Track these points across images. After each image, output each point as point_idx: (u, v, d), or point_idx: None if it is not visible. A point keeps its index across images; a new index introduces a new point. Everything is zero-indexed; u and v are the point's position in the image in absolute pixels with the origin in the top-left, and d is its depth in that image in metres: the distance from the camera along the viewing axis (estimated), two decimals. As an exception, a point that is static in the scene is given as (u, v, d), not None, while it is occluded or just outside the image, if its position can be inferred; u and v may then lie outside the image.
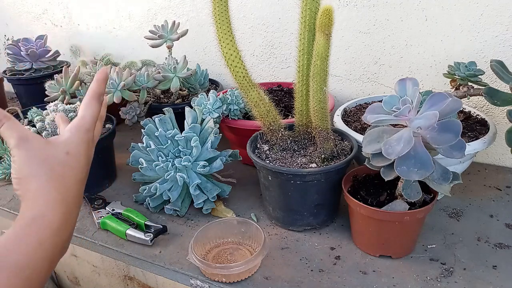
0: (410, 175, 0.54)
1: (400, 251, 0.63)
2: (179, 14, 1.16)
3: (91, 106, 0.54)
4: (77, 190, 0.49)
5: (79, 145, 0.51)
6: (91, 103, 0.55)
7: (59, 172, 0.47)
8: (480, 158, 0.89)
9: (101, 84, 0.56)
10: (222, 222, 0.68)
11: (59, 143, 0.49)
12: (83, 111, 0.54)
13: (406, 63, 0.91)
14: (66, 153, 0.49)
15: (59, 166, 0.47)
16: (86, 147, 0.52)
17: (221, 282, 0.60)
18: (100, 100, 0.56)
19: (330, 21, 0.57)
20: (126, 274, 0.81)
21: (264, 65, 1.10)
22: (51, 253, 0.44)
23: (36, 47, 1.20)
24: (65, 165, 0.48)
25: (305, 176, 0.64)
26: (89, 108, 0.54)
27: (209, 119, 0.78)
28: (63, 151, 0.49)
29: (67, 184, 0.48)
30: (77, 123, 0.52)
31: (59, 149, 0.49)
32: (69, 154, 0.49)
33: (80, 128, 0.52)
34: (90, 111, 0.54)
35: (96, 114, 0.55)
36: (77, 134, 0.51)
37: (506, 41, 0.79)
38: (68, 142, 0.50)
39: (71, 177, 0.48)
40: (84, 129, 0.52)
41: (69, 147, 0.50)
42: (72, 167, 0.49)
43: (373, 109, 0.59)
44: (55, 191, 0.46)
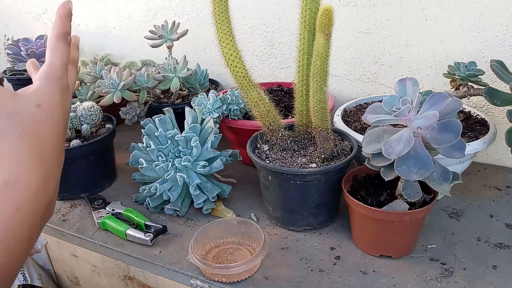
0: (410, 175, 0.54)
1: (400, 251, 0.63)
2: (179, 14, 1.16)
3: (58, 48, 0.47)
4: (54, 147, 0.43)
5: (51, 96, 0.44)
6: (57, 45, 0.47)
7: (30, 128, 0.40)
8: (480, 158, 0.89)
9: (64, 21, 0.49)
10: (222, 222, 0.68)
11: (28, 94, 0.43)
12: (50, 57, 0.47)
13: (406, 63, 0.91)
14: (36, 106, 0.42)
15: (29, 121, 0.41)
16: (60, 97, 0.45)
17: (221, 282, 0.60)
18: (67, 40, 0.48)
19: (330, 21, 0.57)
20: (126, 274, 0.81)
21: (264, 65, 1.10)
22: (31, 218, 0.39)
23: (36, 47, 1.20)
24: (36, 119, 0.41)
25: (305, 176, 0.64)
26: (56, 52, 0.47)
27: (209, 119, 0.78)
28: (33, 103, 0.42)
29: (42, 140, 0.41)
30: (46, 70, 0.45)
31: (28, 102, 0.42)
32: (40, 106, 0.42)
33: (50, 75, 0.45)
34: (58, 54, 0.47)
35: (65, 57, 0.47)
36: (47, 82, 0.44)
37: (506, 41, 0.80)
38: (38, 93, 0.43)
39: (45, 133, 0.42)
40: (55, 77, 0.45)
41: (40, 99, 0.43)
42: (45, 121, 0.42)
43: (373, 109, 0.59)
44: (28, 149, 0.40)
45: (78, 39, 0.52)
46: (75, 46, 0.54)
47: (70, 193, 0.82)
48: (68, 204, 0.81)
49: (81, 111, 0.82)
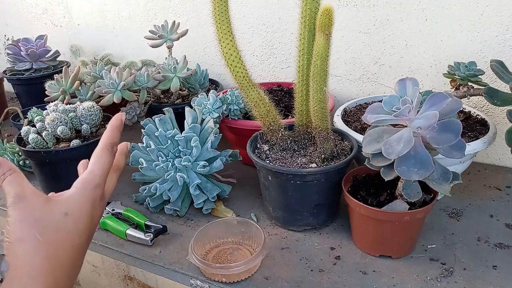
0: (410, 175, 0.54)
1: (400, 251, 0.63)
2: (179, 14, 1.16)
3: (102, 158, 0.49)
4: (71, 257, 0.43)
5: (81, 204, 0.45)
6: (101, 154, 0.49)
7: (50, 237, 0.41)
8: (480, 158, 0.89)
9: (115, 133, 0.51)
10: (222, 222, 0.68)
11: (59, 201, 0.44)
12: (92, 165, 0.48)
13: (406, 63, 0.91)
14: (64, 214, 0.43)
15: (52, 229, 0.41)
16: (91, 206, 0.46)
17: (221, 282, 0.60)
18: (113, 150, 0.50)
19: (330, 21, 0.57)
20: (126, 274, 0.81)
21: (264, 65, 1.10)
22: None
23: (36, 47, 1.20)
24: (60, 228, 0.42)
25: (305, 176, 0.64)
26: (98, 161, 0.48)
27: (209, 119, 0.78)
28: (62, 211, 0.43)
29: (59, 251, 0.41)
30: (84, 178, 0.47)
31: (57, 209, 0.43)
32: (67, 215, 0.43)
33: (87, 184, 0.46)
34: (100, 164, 0.48)
35: (107, 167, 0.49)
36: (82, 191, 0.46)
37: (506, 41, 0.79)
38: (70, 201, 0.44)
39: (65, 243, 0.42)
40: (92, 186, 0.46)
41: (69, 206, 0.44)
42: (68, 231, 0.43)
43: (373, 109, 0.59)
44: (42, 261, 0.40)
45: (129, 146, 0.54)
46: (122, 154, 0.56)
47: (70, 193, 0.82)
48: (68, 204, 0.81)
49: (81, 111, 0.82)
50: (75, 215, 0.44)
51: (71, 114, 0.82)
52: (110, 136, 0.51)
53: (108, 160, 0.49)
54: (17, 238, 0.40)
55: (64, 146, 0.79)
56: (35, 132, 0.79)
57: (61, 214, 0.43)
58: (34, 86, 1.15)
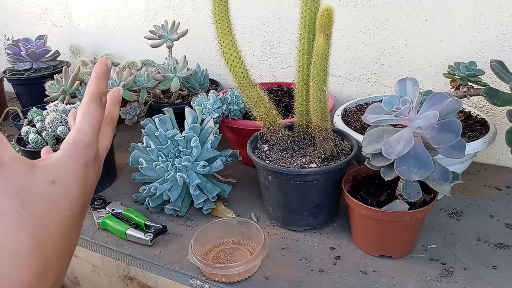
0: (410, 175, 0.54)
1: (400, 251, 0.63)
2: (179, 14, 1.16)
3: (90, 112, 0.41)
4: (62, 232, 0.36)
5: (71, 168, 0.37)
6: (89, 108, 0.41)
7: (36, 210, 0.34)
8: (480, 158, 0.89)
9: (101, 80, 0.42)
10: (222, 222, 0.68)
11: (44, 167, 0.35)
12: (80, 121, 0.40)
13: (406, 63, 0.91)
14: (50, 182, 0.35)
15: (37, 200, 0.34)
16: (83, 170, 0.38)
17: (221, 282, 0.60)
18: (101, 102, 0.42)
19: (330, 21, 0.57)
20: (126, 274, 0.81)
21: (264, 65, 1.10)
22: None
23: (36, 47, 1.20)
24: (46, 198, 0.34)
25: (305, 176, 0.64)
26: (87, 116, 0.40)
27: (209, 119, 0.78)
28: (47, 178, 0.35)
29: (46, 226, 0.34)
30: (73, 138, 0.39)
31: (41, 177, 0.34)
32: (54, 183, 0.35)
33: (77, 144, 0.38)
34: (89, 119, 0.40)
35: (98, 122, 0.41)
36: (71, 153, 0.38)
37: (506, 41, 0.79)
38: (57, 166, 0.36)
39: (53, 217, 0.35)
40: (82, 145, 0.39)
41: (57, 172, 0.36)
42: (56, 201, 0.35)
43: (373, 109, 0.59)
44: (25, 237, 0.33)
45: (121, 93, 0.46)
46: (115, 102, 0.47)
47: (70, 193, 0.82)
48: (68, 204, 0.81)
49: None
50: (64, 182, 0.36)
51: (71, 114, 0.82)
52: (96, 84, 0.42)
53: (98, 114, 0.41)
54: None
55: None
56: (35, 132, 0.79)
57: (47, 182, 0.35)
58: (34, 86, 1.15)
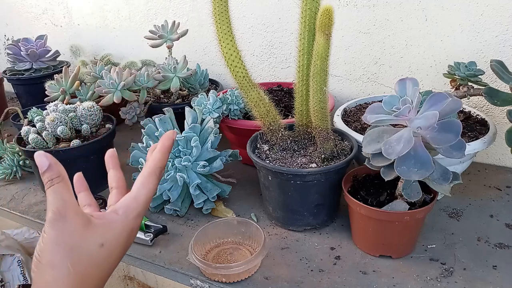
0: (410, 175, 0.54)
1: (400, 251, 0.63)
2: (179, 14, 1.16)
3: (149, 184, 0.45)
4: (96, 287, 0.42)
5: (119, 235, 0.42)
6: (149, 179, 0.45)
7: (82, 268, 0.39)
8: (480, 158, 0.89)
9: (165, 155, 0.46)
10: (222, 222, 0.68)
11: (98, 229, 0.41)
12: (138, 190, 0.44)
13: (406, 63, 0.91)
14: (100, 245, 0.41)
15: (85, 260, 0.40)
16: (127, 237, 0.43)
17: (221, 282, 0.60)
18: (160, 175, 0.46)
19: (330, 21, 0.57)
20: (126, 274, 0.81)
21: (264, 65, 1.10)
22: None
23: (36, 47, 1.20)
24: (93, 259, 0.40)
25: (305, 176, 0.64)
26: (145, 187, 0.44)
27: (209, 119, 0.78)
28: (98, 241, 0.40)
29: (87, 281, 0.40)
30: (128, 205, 0.43)
31: (94, 238, 0.40)
32: (103, 246, 0.41)
33: (129, 213, 0.43)
34: (146, 190, 0.44)
35: (152, 195, 0.45)
36: (123, 219, 0.42)
37: (506, 41, 0.79)
38: (108, 230, 0.41)
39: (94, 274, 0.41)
40: (134, 215, 0.43)
41: (107, 236, 0.41)
42: (100, 263, 0.41)
43: (373, 109, 0.59)
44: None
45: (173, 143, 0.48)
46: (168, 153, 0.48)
47: (70, 193, 0.82)
48: (68, 204, 0.81)
49: (81, 111, 0.82)
50: (111, 246, 0.41)
51: (71, 114, 0.82)
52: (161, 159, 0.46)
53: (154, 187, 0.45)
54: (48, 263, 0.39)
55: (64, 146, 0.79)
56: (35, 132, 0.79)
57: (97, 245, 0.40)
58: (34, 86, 1.15)
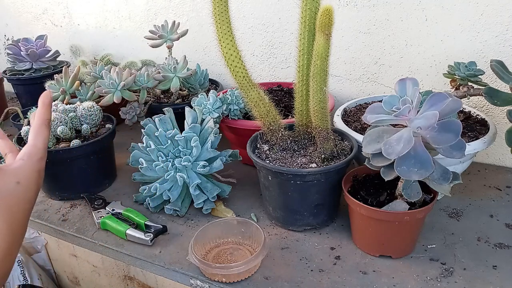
0: (410, 175, 0.54)
1: (400, 251, 0.63)
2: (179, 14, 1.16)
3: (42, 133, 0.55)
4: (23, 220, 0.49)
5: (30, 174, 0.51)
6: (41, 129, 0.55)
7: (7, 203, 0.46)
8: (480, 158, 0.89)
9: (48, 109, 0.57)
10: (222, 222, 0.68)
11: (11, 171, 0.49)
12: (34, 139, 0.54)
13: (406, 63, 0.91)
14: (16, 183, 0.48)
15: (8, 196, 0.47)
16: (37, 176, 0.52)
17: (221, 282, 0.60)
18: (49, 125, 0.57)
19: (330, 21, 0.57)
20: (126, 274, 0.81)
21: (264, 65, 1.10)
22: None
23: (36, 47, 1.20)
24: (14, 195, 0.48)
25: (305, 176, 0.64)
26: (40, 135, 0.55)
27: (209, 119, 0.78)
28: (14, 180, 0.48)
29: (15, 214, 0.47)
30: (29, 151, 0.52)
31: (9, 178, 0.48)
32: (19, 184, 0.48)
33: (32, 156, 0.52)
34: (42, 138, 0.55)
35: (47, 141, 0.55)
36: (29, 163, 0.51)
37: (506, 41, 0.80)
38: (20, 171, 0.50)
39: (19, 208, 0.48)
40: (37, 158, 0.52)
41: (20, 176, 0.49)
42: (20, 198, 0.48)
43: (373, 109, 0.59)
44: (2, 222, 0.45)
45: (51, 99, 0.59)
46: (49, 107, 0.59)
47: (70, 193, 0.82)
48: (68, 204, 0.81)
49: (81, 111, 0.82)
50: (25, 183, 0.49)
51: (71, 114, 0.82)
52: (44, 112, 0.57)
53: (48, 135, 0.56)
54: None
55: (64, 146, 0.79)
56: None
57: (14, 183, 0.48)
58: (34, 86, 1.15)
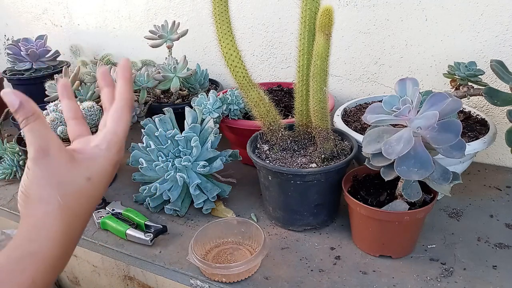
0: (410, 175, 0.54)
1: (400, 251, 0.63)
2: (179, 14, 1.16)
3: (124, 117, 0.44)
4: (84, 221, 0.43)
5: (104, 168, 0.42)
6: (123, 112, 0.44)
7: (72, 202, 0.40)
8: (480, 158, 0.89)
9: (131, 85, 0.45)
10: (222, 222, 0.68)
11: (83, 163, 0.41)
12: (116, 125, 0.43)
13: (406, 63, 0.91)
14: (87, 179, 0.41)
15: (74, 194, 0.40)
16: (112, 171, 0.43)
17: (221, 282, 0.60)
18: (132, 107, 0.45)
19: (330, 21, 0.57)
20: (126, 274, 0.81)
21: (264, 65, 1.10)
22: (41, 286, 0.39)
23: (36, 47, 1.20)
24: (81, 193, 0.41)
25: (305, 176, 0.64)
26: (122, 120, 0.44)
27: (209, 119, 0.78)
28: (85, 175, 0.41)
29: (77, 214, 0.41)
30: (109, 140, 0.43)
31: (80, 172, 0.41)
32: (90, 180, 0.41)
33: (111, 147, 0.43)
34: (123, 123, 0.44)
35: (128, 126, 0.44)
36: (107, 154, 0.43)
37: (506, 41, 0.79)
38: (94, 164, 0.42)
39: (82, 207, 0.42)
40: (118, 148, 0.43)
41: (93, 170, 0.42)
42: (88, 196, 0.42)
43: (373, 109, 0.59)
44: (61, 223, 0.39)
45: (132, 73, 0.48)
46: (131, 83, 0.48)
47: (70, 193, 0.82)
48: (68, 204, 0.81)
49: (81, 111, 0.82)
50: (97, 180, 0.42)
51: (71, 114, 0.81)
52: (128, 90, 0.45)
53: (129, 119, 0.45)
54: (38, 198, 0.39)
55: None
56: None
57: (84, 179, 0.41)
58: (34, 86, 1.15)
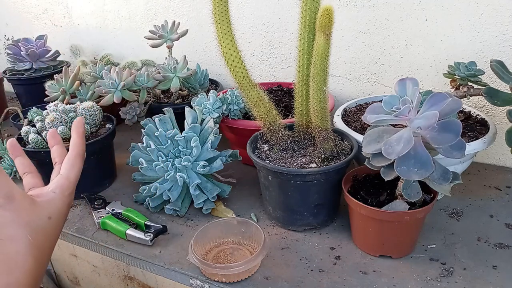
0: (410, 175, 0.54)
1: (400, 251, 0.63)
2: (179, 14, 1.16)
3: (76, 165, 0.53)
4: (49, 255, 0.49)
5: (61, 209, 0.50)
6: (76, 162, 0.53)
7: (39, 238, 0.46)
8: (480, 158, 0.89)
9: (83, 139, 0.56)
10: (222, 222, 0.68)
11: (43, 205, 0.48)
12: (68, 171, 0.52)
13: (406, 63, 0.91)
14: (48, 218, 0.48)
15: (40, 232, 0.46)
16: (67, 211, 0.51)
17: (221, 282, 0.60)
18: (83, 157, 0.55)
19: (330, 21, 0.57)
20: (126, 274, 0.81)
21: (264, 65, 1.10)
22: None
23: (36, 47, 1.20)
24: (45, 231, 0.47)
25: (305, 176, 0.64)
26: (74, 168, 0.53)
27: (209, 119, 0.78)
28: (46, 215, 0.48)
29: (44, 250, 0.47)
30: (62, 185, 0.51)
31: (42, 213, 0.48)
32: (51, 219, 0.48)
33: (64, 190, 0.51)
34: (75, 171, 0.53)
35: (79, 174, 0.53)
36: (61, 197, 0.50)
37: (506, 41, 0.79)
38: (52, 205, 0.49)
39: (46, 243, 0.48)
40: (68, 192, 0.51)
41: (52, 210, 0.49)
42: (50, 234, 0.48)
43: (373, 109, 0.59)
44: (32, 259, 0.45)
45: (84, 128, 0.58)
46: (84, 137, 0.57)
47: (70, 193, 0.82)
48: (68, 204, 0.81)
49: (81, 111, 0.82)
50: (56, 218, 0.49)
51: (71, 114, 0.82)
52: (81, 143, 0.55)
53: (81, 167, 0.54)
54: (9, 238, 0.43)
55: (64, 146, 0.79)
56: (35, 132, 0.79)
57: (46, 218, 0.47)
58: (34, 86, 1.15)
